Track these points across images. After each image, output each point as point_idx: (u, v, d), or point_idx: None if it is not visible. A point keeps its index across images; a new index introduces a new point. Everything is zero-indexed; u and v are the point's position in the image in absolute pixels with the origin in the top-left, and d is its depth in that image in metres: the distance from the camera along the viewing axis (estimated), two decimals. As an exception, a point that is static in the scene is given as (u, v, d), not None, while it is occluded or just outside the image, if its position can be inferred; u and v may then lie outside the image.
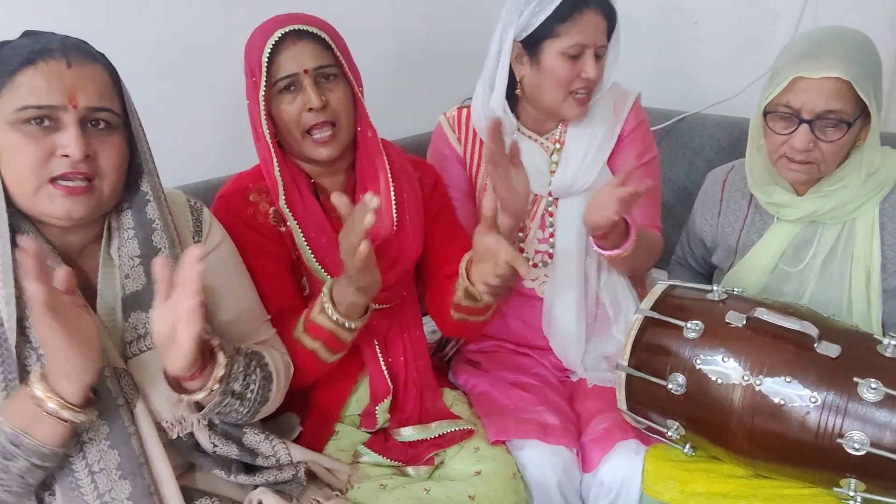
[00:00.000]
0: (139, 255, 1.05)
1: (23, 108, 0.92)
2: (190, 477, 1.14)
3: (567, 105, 1.49)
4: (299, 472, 1.19)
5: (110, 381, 1.01)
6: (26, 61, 0.93)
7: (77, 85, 0.94)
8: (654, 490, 1.31)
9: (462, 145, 1.64)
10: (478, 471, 1.31)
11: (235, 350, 1.09)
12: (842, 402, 1.11)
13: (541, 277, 1.62)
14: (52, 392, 0.90)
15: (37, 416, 0.90)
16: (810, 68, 1.24)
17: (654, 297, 1.33)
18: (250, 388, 1.10)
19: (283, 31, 1.25)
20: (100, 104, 0.96)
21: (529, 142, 1.59)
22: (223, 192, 1.37)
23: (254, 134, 1.33)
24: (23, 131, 0.93)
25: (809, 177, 1.33)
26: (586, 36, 1.43)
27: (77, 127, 0.94)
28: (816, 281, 1.38)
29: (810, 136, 1.26)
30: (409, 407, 1.43)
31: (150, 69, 1.57)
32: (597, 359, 1.58)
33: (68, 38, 0.98)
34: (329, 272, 1.33)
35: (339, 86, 1.31)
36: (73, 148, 0.93)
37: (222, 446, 1.12)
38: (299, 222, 1.33)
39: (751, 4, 2.12)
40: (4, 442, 0.91)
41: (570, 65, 1.45)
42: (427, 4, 2.15)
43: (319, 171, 1.39)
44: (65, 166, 0.94)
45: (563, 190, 1.57)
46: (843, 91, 1.23)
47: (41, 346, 0.94)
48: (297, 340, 1.26)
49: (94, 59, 0.98)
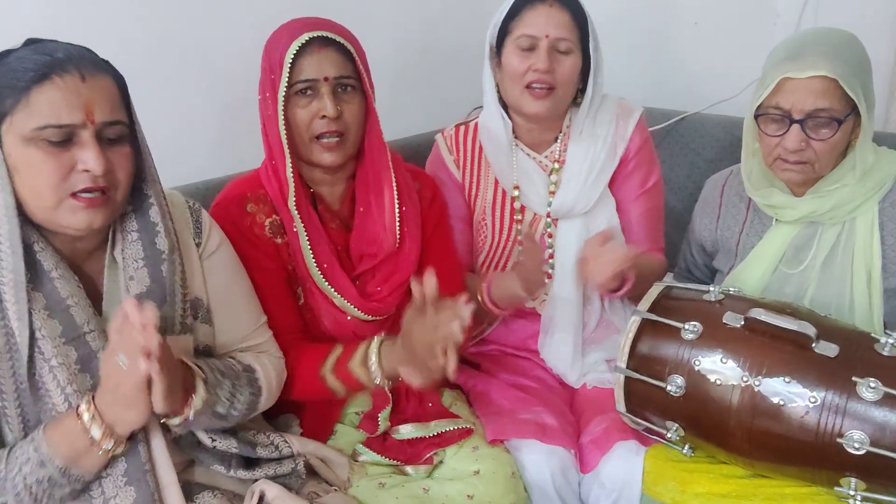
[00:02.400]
0: (143, 257, 1.06)
1: (43, 128, 0.92)
2: (192, 471, 1.15)
3: (525, 100, 1.48)
4: (298, 464, 1.20)
5: None
6: (41, 76, 0.92)
7: (92, 100, 0.95)
8: (654, 491, 1.31)
9: (460, 169, 1.63)
10: (476, 470, 1.31)
11: (222, 373, 1.10)
12: (841, 402, 1.11)
13: (541, 296, 1.61)
14: (109, 433, 0.96)
15: (88, 451, 0.96)
16: (796, 68, 1.25)
17: (651, 298, 1.32)
18: (235, 406, 1.12)
19: (311, 36, 1.26)
20: (112, 117, 0.97)
21: (528, 160, 1.58)
22: (220, 199, 1.36)
23: (263, 131, 1.33)
24: (41, 148, 0.93)
25: (805, 177, 1.33)
26: (535, 28, 1.44)
27: (95, 142, 0.95)
28: (817, 282, 1.38)
29: (802, 135, 1.27)
30: (409, 410, 1.44)
31: (149, 69, 1.57)
32: (597, 361, 1.58)
33: (74, 47, 0.98)
34: (327, 279, 1.33)
35: (355, 98, 1.32)
36: (95, 164, 0.94)
37: (221, 440, 1.13)
38: (305, 224, 1.33)
39: (751, 4, 2.11)
40: (54, 472, 0.94)
41: (522, 58, 1.46)
42: (427, 4, 2.15)
43: (319, 178, 1.39)
44: (86, 181, 0.95)
45: (563, 212, 1.55)
46: (831, 89, 1.24)
47: (117, 393, 0.94)
48: (321, 378, 1.26)
49: (104, 70, 0.98)
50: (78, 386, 0.98)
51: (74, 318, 0.99)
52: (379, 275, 1.40)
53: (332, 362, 1.26)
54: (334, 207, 1.41)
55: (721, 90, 2.11)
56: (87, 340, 1.00)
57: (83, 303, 1.01)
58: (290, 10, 1.33)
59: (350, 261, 1.40)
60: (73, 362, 0.98)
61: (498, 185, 1.60)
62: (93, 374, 0.99)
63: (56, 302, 0.98)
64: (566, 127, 1.57)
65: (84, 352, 0.99)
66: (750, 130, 1.38)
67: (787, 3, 2.03)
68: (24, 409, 0.97)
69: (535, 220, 1.59)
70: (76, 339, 0.99)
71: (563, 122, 1.57)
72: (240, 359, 1.19)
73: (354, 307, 1.35)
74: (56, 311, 0.98)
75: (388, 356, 1.22)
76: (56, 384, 0.97)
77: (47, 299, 0.97)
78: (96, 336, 1.00)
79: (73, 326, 0.99)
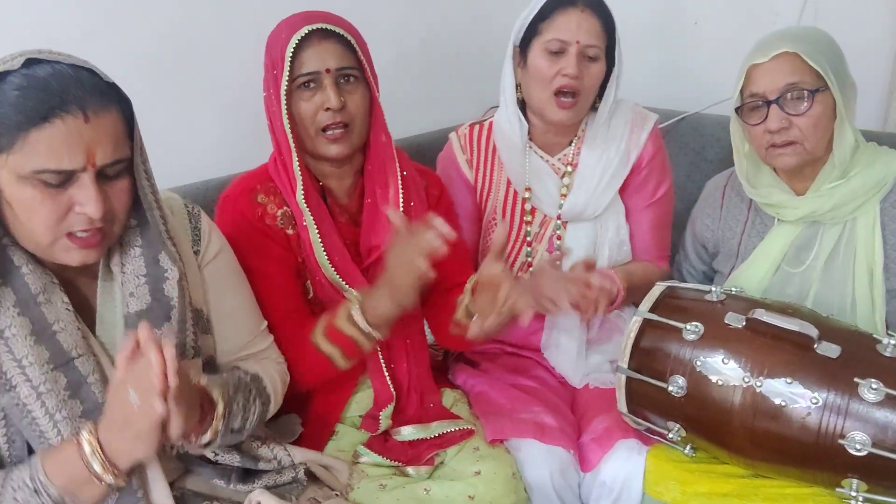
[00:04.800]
0: (145, 273, 1.02)
1: (41, 171, 0.88)
2: (189, 480, 1.13)
3: (551, 107, 1.48)
4: (299, 472, 1.19)
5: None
6: (41, 118, 0.86)
7: (95, 141, 0.89)
8: (655, 490, 1.31)
9: (473, 169, 1.63)
10: (477, 471, 1.31)
11: (235, 387, 1.08)
12: (843, 403, 1.11)
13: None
14: (109, 467, 0.90)
15: (88, 482, 0.91)
16: (762, 54, 1.31)
17: (653, 298, 1.32)
18: (248, 419, 1.10)
19: (311, 28, 1.26)
20: (114, 157, 0.92)
21: (541, 161, 1.59)
22: (229, 192, 1.36)
23: (269, 127, 1.33)
24: (38, 188, 0.89)
25: (799, 158, 1.33)
26: (567, 32, 1.43)
27: (94, 185, 0.90)
28: (819, 282, 1.38)
29: (782, 114, 1.30)
30: (410, 409, 1.44)
31: (150, 68, 1.57)
32: (600, 362, 1.58)
33: (79, 74, 0.90)
34: (338, 271, 1.33)
35: (358, 88, 1.31)
36: (93, 208, 0.90)
37: (224, 455, 1.12)
38: (314, 216, 1.32)
39: (751, 4, 2.12)
40: (48, 503, 0.91)
41: (551, 61, 1.45)
42: (427, 4, 2.15)
43: (328, 172, 1.38)
44: (83, 223, 0.92)
45: (573, 215, 1.56)
46: (797, 64, 1.28)
47: (127, 430, 0.90)
48: (314, 344, 1.26)
49: (109, 102, 0.92)
50: (68, 412, 0.95)
51: (62, 343, 0.95)
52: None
53: (321, 327, 1.27)
54: (343, 202, 1.41)
55: (721, 90, 2.10)
56: (76, 365, 0.96)
57: (70, 326, 0.97)
58: (291, 10, 1.33)
59: (359, 256, 1.40)
60: (62, 388, 0.94)
61: (510, 185, 1.61)
62: (83, 399, 0.96)
63: (43, 328, 0.94)
64: (581, 131, 1.58)
65: (73, 377, 0.96)
66: (737, 133, 1.41)
67: (787, 3, 2.03)
68: (9, 430, 0.95)
69: (545, 221, 1.60)
70: (64, 364, 0.95)
71: (580, 126, 1.58)
72: (245, 368, 1.16)
73: None
74: (43, 338, 0.94)
75: (372, 300, 1.23)
76: (44, 411, 0.94)
77: (33, 325, 0.94)
78: (85, 361, 0.97)
79: (61, 352, 0.95)
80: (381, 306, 1.22)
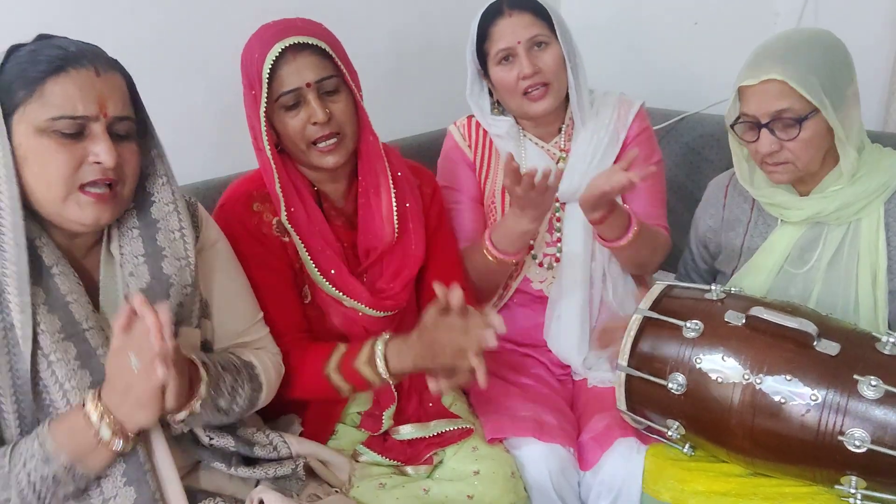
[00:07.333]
0: (143, 253, 1.06)
1: (58, 118, 0.94)
2: (194, 477, 1.14)
3: (525, 105, 1.55)
4: (298, 466, 1.20)
5: None
6: (57, 68, 0.94)
7: (106, 94, 0.97)
8: (654, 489, 1.31)
9: (473, 151, 1.67)
10: (476, 470, 1.31)
11: (223, 366, 1.10)
12: (842, 400, 1.11)
13: (549, 279, 1.64)
14: (119, 431, 0.94)
15: (95, 449, 0.95)
16: (751, 75, 1.28)
17: (653, 296, 1.32)
18: (236, 401, 1.12)
19: (284, 46, 1.23)
20: (124, 112, 0.99)
21: (536, 147, 1.64)
22: (225, 199, 1.35)
23: (254, 145, 1.32)
24: (53, 139, 0.94)
25: (791, 176, 1.33)
26: (505, 39, 1.51)
27: (107, 135, 0.97)
28: (822, 283, 1.38)
29: (772, 138, 1.28)
30: (409, 409, 1.44)
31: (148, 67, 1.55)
32: (601, 360, 1.58)
33: (86, 44, 0.99)
34: (333, 283, 1.33)
35: (341, 96, 1.30)
36: (107, 156, 0.96)
37: (218, 438, 1.13)
38: (302, 235, 1.32)
39: (751, 4, 2.11)
40: (58, 470, 0.93)
41: (507, 69, 1.53)
42: (427, 4, 2.15)
43: (322, 177, 1.38)
44: (96, 173, 0.97)
45: (570, 194, 1.59)
46: (786, 90, 1.25)
47: (128, 394, 0.93)
48: (325, 375, 1.25)
49: (114, 67, 1.00)
50: (77, 382, 0.97)
51: (74, 314, 0.99)
52: (387, 271, 1.40)
53: (336, 361, 1.25)
54: (339, 205, 1.41)
55: (721, 90, 2.09)
56: (87, 337, 0.99)
57: (82, 299, 1.00)
58: (289, 10, 1.33)
59: (357, 258, 1.40)
60: (72, 358, 0.97)
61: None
62: (92, 370, 0.99)
63: (56, 297, 0.98)
64: (569, 119, 1.63)
65: (83, 348, 0.99)
66: (735, 137, 1.40)
67: (787, 3, 2.02)
68: (20, 406, 0.96)
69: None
70: (75, 335, 0.98)
71: (566, 114, 1.63)
72: (238, 354, 1.18)
73: (366, 306, 1.35)
74: (56, 307, 0.97)
75: (398, 355, 1.21)
76: (54, 380, 0.96)
77: (47, 294, 0.97)
78: (95, 333, 1.00)
79: (73, 322, 0.98)
80: (406, 362, 1.20)
